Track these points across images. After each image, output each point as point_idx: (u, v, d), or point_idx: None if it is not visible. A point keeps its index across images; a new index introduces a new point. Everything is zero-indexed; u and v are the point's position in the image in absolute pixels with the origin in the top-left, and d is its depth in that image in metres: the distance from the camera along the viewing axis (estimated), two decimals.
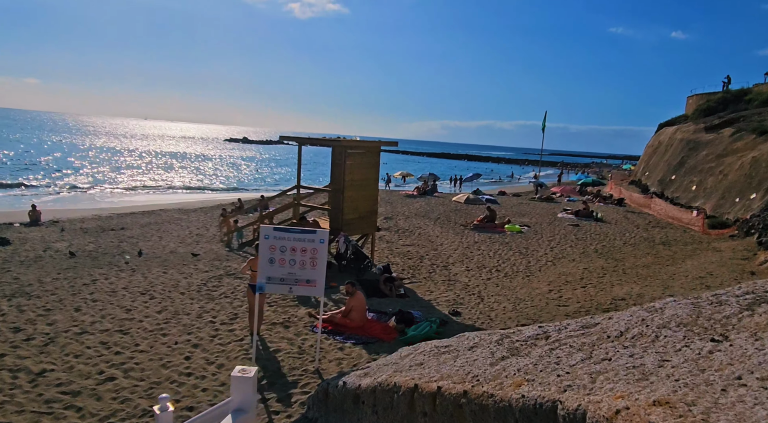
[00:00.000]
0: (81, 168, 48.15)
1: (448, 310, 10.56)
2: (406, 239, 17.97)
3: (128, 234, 17.31)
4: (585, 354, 2.81)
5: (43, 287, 10.51)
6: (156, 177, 46.37)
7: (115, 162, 57.98)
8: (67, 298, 9.90)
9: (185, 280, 11.76)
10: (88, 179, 40.34)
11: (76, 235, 16.84)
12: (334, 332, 9.00)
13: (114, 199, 31.54)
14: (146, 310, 9.55)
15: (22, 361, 7.12)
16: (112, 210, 24.75)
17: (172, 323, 8.93)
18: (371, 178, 13.64)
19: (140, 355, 7.56)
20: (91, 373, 6.92)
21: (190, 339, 8.29)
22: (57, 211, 23.53)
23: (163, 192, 36.52)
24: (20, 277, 11.20)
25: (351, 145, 12.77)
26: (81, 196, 31.52)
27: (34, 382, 6.56)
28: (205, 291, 10.97)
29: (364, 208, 13.61)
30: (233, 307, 9.98)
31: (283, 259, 7.27)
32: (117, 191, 35.24)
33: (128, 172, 48.87)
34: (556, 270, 14.35)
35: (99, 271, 12.03)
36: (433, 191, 33.71)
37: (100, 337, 8.10)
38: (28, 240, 15.55)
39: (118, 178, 43.29)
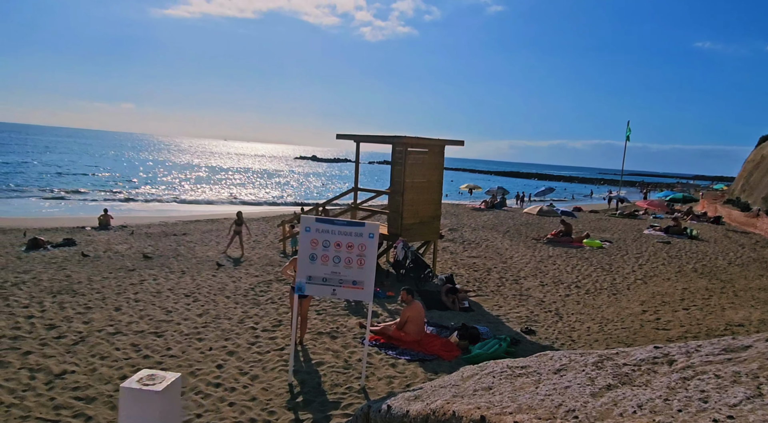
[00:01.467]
0: (160, 181, 50.67)
1: (520, 328, 9.08)
2: (472, 251, 16.52)
3: (188, 239, 17.17)
4: (747, 389, 1.97)
5: (90, 285, 10.18)
6: (227, 190, 47.79)
7: (193, 176, 60.73)
8: (110, 297, 9.46)
9: (233, 283, 11.08)
10: (163, 190, 42.17)
11: (140, 238, 16.91)
12: (387, 346, 7.83)
13: (183, 208, 32.45)
14: (187, 312, 8.87)
15: (46, 360, 6.54)
16: (179, 217, 25.22)
17: (210, 327, 8.15)
18: (434, 180, 12.46)
19: (169, 361, 6.77)
20: (113, 377, 6.19)
21: (227, 345, 7.43)
22: (129, 217, 24.26)
23: (231, 203, 37.29)
24: (72, 275, 11.00)
25: (412, 142, 11.70)
26: (154, 205, 32.71)
27: (50, 385, 5.89)
28: (251, 296, 10.20)
29: (426, 213, 12.43)
30: (278, 314, 9.09)
31: (326, 255, 6.24)
32: (188, 201, 36.37)
33: (203, 185, 50.81)
34: (648, 289, 12.35)
35: (149, 272, 11.65)
36: (501, 205, 31.87)
37: (132, 339, 7.43)
38: (93, 242, 15.72)
39: (192, 189, 44.97)
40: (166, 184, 47.96)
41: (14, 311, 8.29)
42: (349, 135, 12.82)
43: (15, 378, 5.98)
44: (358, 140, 12.89)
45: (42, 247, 14.36)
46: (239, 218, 15.16)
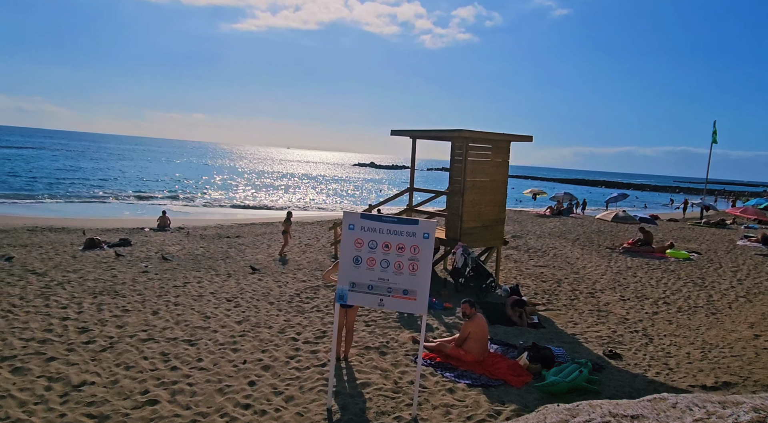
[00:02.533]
0: (223, 185, 52.05)
1: (602, 350, 7.68)
2: (538, 259, 15.03)
3: (240, 241, 16.82)
4: None
5: (133, 287, 9.77)
6: (285, 195, 48.26)
7: (254, 181, 62.11)
8: (150, 300, 8.96)
9: (279, 288, 10.37)
10: (224, 194, 43.09)
11: (193, 240, 16.75)
12: (444, 366, 6.73)
13: (241, 211, 32.75)
14: (226, 318, 8.19)
15: (68, 368, 5.97)
16: (236, 220, 25.25)
17: (248, 337, 7.39)
18: (498, 179, 11.23)
19: (198, 374, 6.02)
20: (134, 391, 5.49)
21: (263, 358, 6.61)
22: (187, 219, 24.53)
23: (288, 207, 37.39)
24: (118, 275, 10.70)
25: (474, 137, 10.55)
26: (214, 209, 33.24)
27: (65, 398, 5.27)
28: (296, 302, 9.41)
29: (489, 216, 11.21)
30: (323, 324, 8.21)
31: (372, 258, 5.27)
32: (246, 205, 36.79)
33: (262, 190, 51.66)
34: (755, 309, 10.47)
35: (195, 274, 11.18)
36: (569, 211, 29.74)
37: (163, 347, 6.78)
38: (148, 243, 15.67)
39: (251, 194, 45.72)
40: (227, 189, 49.13)
41: (51, 312, 7.92)
42: (404, 131, 11.85)
43: (30, 388, 5.41)
44: (414, 136, 11.89)
45: (98, 246, 14.40)
46: (288, 218, 14.86)
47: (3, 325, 7.18)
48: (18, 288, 9.15)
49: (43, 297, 8.70)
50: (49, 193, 34.37)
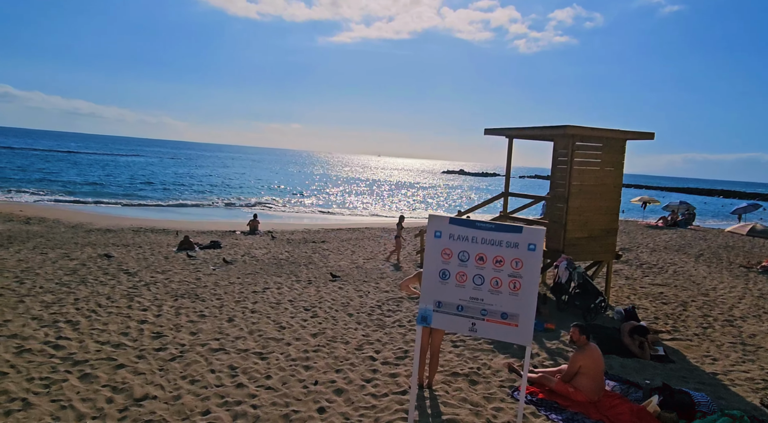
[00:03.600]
0: (315, 191, 53.39)
1: (759, 399, 6.03)
2: (654, 277, 13.04)
3: (324, 247, 16.53)
4: None
5: (214, 291, 9.58)
6: (374, 201, 48.34)
7: (345, 188, 63.22)
8: (228, 305, 8.65)
9: (359, 299, 9.67)
10: (315, 200, 44.00)
11: (279, 244, 16.73)
12: (548, 405, 5.55)
13: (330, 217, 33.00)
14: (301, 329, 7.59)
15: (134, 377, 5.62)
16: (323, 226, 25.30)
17: (322, 353, 6.70)
18: (610, 183, 9.71)
19: (264, 395, 5.40)
20: (194, 411, 4.97)
21: (336, 380, 5.87)
22: (277, 223, 24.97)
23: (374, 214, 37.17)
24: (202, 278, 10.63)
25: (583, 134, 9.17)
26: (304, 213, 33.84)
27: (124, 413, 4.86)
28: (377, 315, 8.63)
29: (598, 225, 9.72)
30: (405, 341, 7.33)
31: (463, 273, 4.30)
32: (334, 211, 37.13)
33: (353, 196, 52.25)
34: None
35: (276, 280, 10.84)
36: (687, 223, 26.39)
37: (233, 359, 6.29)
38: (237, 245, 15.84)
39: (341, 200, 46.30)
40: (318, 195, 50.25)
41: (132, 314, 7.81)
42: (499, 129, 10.70)
43: (93, 399, 5.08)
44: (511, 135, 10.69)
45: (191, 248, 14.74)
46: (400, 223, 14.59)
47: (84, 326, 7.12)
48: (108, 287, 9.29)
49: (128, 298, 8.70)
50: (157, 196, 37.06)
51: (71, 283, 9.43)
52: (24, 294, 8.45)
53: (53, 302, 8.11)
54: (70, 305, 8.02)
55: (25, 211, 22.77)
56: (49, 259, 11.52)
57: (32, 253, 12.23)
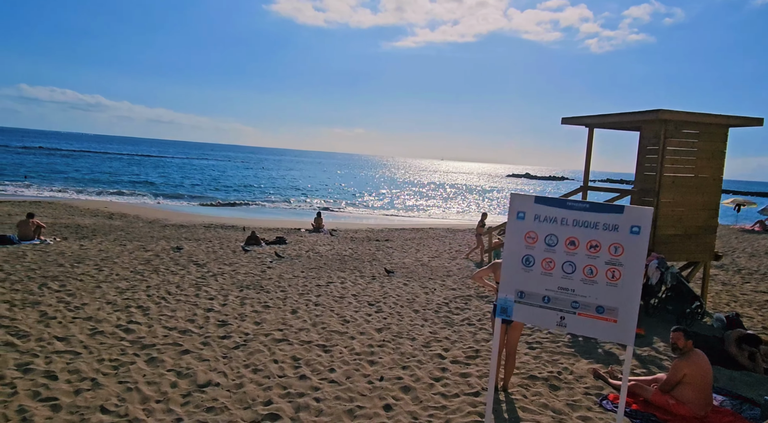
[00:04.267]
0: (377, 193, 53.57)
1: None
2: (758, 283, 11.64)
3: (388, 245, 16.25)
4: None
5: (278, 283, 9.50)
6: (437, 203, 47.73)
7: (408, 190, 63.03)
8: (292, 297, 8.51)
9: (425, 295, 9.25)
10: (377, 201, 44.05)
11: (343, 241, 16.65)
12: (645, 418, 4.86)
13: (393, 218, 32.80)
14: (365, 324, 7.29)
15: (198, 364, 5.53)
16: (385, 226, 25.10)
17: (388, 348, 6.35)
18: (709, 175, 8.69)
19: (328, 388, 5.11)
20: (256, 400, 4.76)
21: (403, 377, 5.48)
22: (341, 223, 25.06)
23: (437, 216, 36.60)
24: (267, 271, 10.62)
25: (677, 119, 8.25)
26: (367, 214, 33.86)
27: (187, 398, 4.73)
28: (444, 312, 8.17)
29: (694, 222, 8.72)
30: (475, 340, 6.83)
31: (550, 260, 3.79)
32: (398, 212, 36.92)
33: (416, 198, 51.92)
34: None
35: (339, 275, 10.64)
36: None
37: (296, 351, 6.07)
38: (301, 242, 15.91)
39: (404, 202, 46.08)
40: (381, 196, 50.32)
41: (199, 302, 7.84)
42: (578, 118, 9.91)
43: (157, 382, 5.01)
44: (592, 124, 9.87)
45: (257, 243, 14.95)
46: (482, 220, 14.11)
47: (154, 312, 7.20)
48: (178, 277, 9.45)
49: (196, 287, 8.79)
50: (227, 196, 38.51)
51: (144, 271, 9.69)
52: (101, 280, 8.74)
53: (127, 289, 8.32)
54: (142, 292, 8.18)
55: (110, 207, 24.28)
56: (127, 250, 12.00)
57: (112, 244, 12.82)
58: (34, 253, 10.66)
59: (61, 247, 11.72)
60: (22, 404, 4.37)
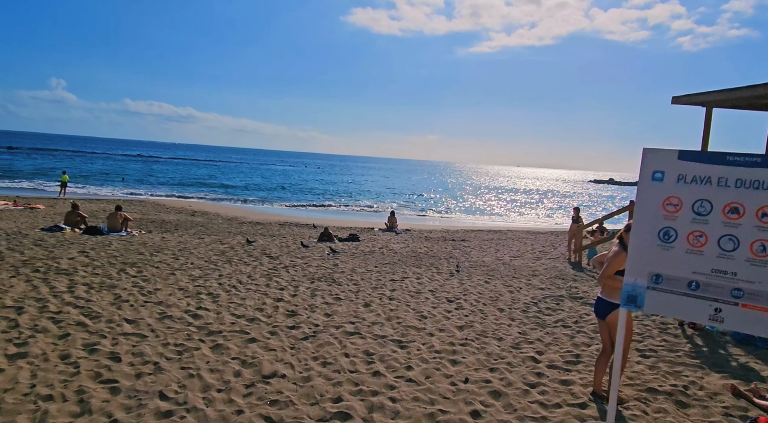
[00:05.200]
0: (454, 197, 52.50)
1: None
2: None
3: (465, 244, 15.38)
4: None
5: (350, 277, 9.01)
6: (515, 207, 45.87)
7: (484, 195, 61.35)
8: (364, 291, 7.96)
9: (510, 294, 8.35)
10: (451, 204, 43.01)
11: (417, 240, 16.00)
12: None
13: (468, 220, 31.70)
14: (445, 321, 6.56)
15: (265, 353, 5.09)
16: (461, 227, 24.16)
17: (472, 347, 5.59)
18: None
19: (405, 387, 4.46)
20: (324, 396, 4.20)
21: (491, 379, 4.71)
22: (414, 224, 24.45)
23: (514, 220, 34.99)
24: (339, 264, 10.19)
25: None
26: (441, 216, 32.99)
27: (250, 390, 4.27)
28: (533, 312, 7.25)
29: None
30: (574, 344, 5.88)
31: (700, 233, 2.90)
32: (474, 215, 35.71)
33: (492, 202, 50.29)
34: None
35: (415, 270, 9.99)
36: None
37: (369, 345, 5.48)
38: (375, 240, 15.46)
39: (479, 205, 44.68)
40: (456, 200, 49.21)
41: (269, 292, 7.50)
42: (693, 96, 8.57)
43: (220, 369, 4.61)
44: (711, 103, 8.50)
45: (330, 240, 14.67)
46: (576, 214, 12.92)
47: (223, 299, 6.93)
48: (250, 267, 9.25)
49: (267, 277, 8.50)
50: (302, 198, 39.22)
51: (218, 261, 9.59)
52: (176, 268, 8.69)
53: (199, 276, 8.18)
54: (214, 280, 7.99)
55: (193, 206, 25.32)
56: (204, 242, 12.10)
57: (191, 237, 13.03)
58: (119, 243, 10.97)
59: (144, 239, 12.03)
60: (83, 385, 4.10)
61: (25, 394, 3.91)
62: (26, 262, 8.22)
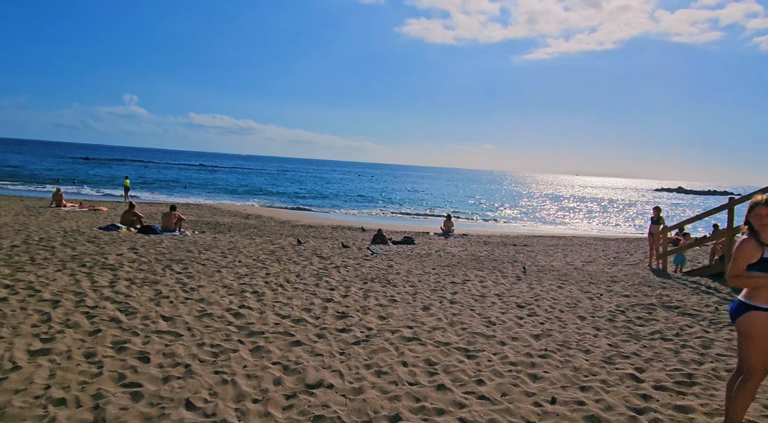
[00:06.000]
0: (512, 205, 50.72)
1: None
2: None
3: (529, 249, 14.28)
4: None
5: (407, 278, 8.25)
6: (578, 216, 43.60)
7: (542, 203, 59.00)
8: (422, 293, 7.17)
9: (590, 301, 7.30)
10: (509, 211, 41.38)
11: (475, 244, 15.05)
12: None
13: (528, 226, 30.20)
14: (517, 328, 5.66)
15: (311, 358, 4.41)
16: (521, 233, 22.88)
17: (554, 360, 4.66)
18: None
19: (477, 406, 3.63)
20: (379, 413, 3.45)
21: (584, 401, 3.79)
22: (470, 229, 23.40)
23: (578, 227, 33.04)
24: (394, 266, 9.46)
25: None
26: (499, 223, 31.63)
27: (290, 401, 3.59)
28: (622, 322, 6.19)
29: None
30: (682, 361, 4.82)
31: None
32: (534, 222, 34.08)
33: (550, 210, 48.14)
34: None
35: (477, 273, 9.10)
36: None
37: (431, 353, 4.68)
38: (430, 243, 14.68)
39: (541, 213, 42.79)
40: (513, 207, 47.46)
41: (318, 292, 6.87)
42: None
43: (259, 376, 3.96)
44: None
45: (384, 242, 14.01)
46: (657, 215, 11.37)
47: (268, 298, 6.36)
48: (299, 267, 8.69)
49: (316, 277, 7.89)
50: (355, 204, 38.92)
51: (267, 260, 9.11)
52: (223, 266, 8.26)
53: (246, 274, 7.68)
54: (260, 278, 7.46)
55: (248, 210, 25.48)
56: (255, 242, 11.74)
57: (243, 238, 12.73)
58: (170, 241, 10.76)
59: (196, 238, 11.82)
60: (102, 388, 3.56)
61: (37, 396, 3.40)
62: (75, 257, 8.04)
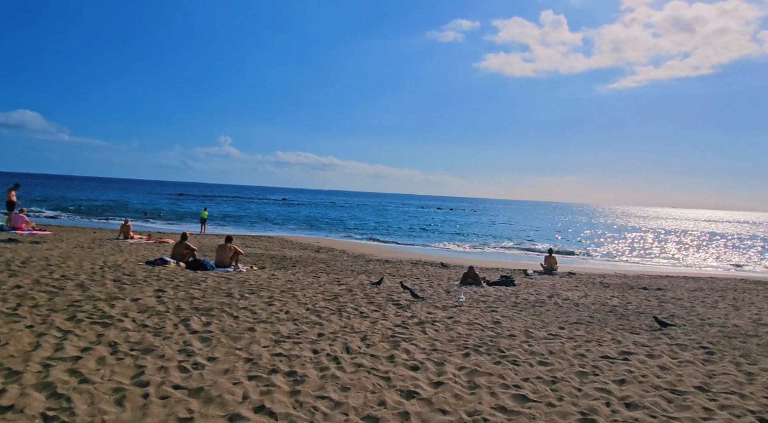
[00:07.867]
0: (610, 239, 45.55)
1: None
2: None
3: (671, 295, 10.78)
4: None
5: (528, 346, 5.44)
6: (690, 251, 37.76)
7: (643, 237, 52.80)
8: (567, 381, 4.34)
9: None
10: (610, 246, 36.58)
11: (592, 286, 11.80)
12: None
13: (640, 262, 25.74)
14: None
15: None
16: (640, 271, 18.92)
17: None
18: None
19: None
20: None
21: None
22: (575, 267, 19.82)
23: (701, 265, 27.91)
24: (501, 322, 6.66)
25: None
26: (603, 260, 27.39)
27: None
28: None
29: None
30: None
31: None
32: (645, 258, 29.37)
33: (659, 245, 42.42)
34: None
35: (629, 336, 6.07)
36: None
37: None
38: (534, 285, 11.66)
39: (647, 248, 37.52)
40: (613, 242, 42.33)
41: (394, 372, 4.30)
42: None
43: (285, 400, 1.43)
44: None
45: (477, 283, 11.24)
46: None
47: (311, 387, 3.88)
48: (368, 322, 6.17)
49: (391, 342, 5.32)
50: (435, 238, 36.18)
51: (325, 310, 6.70)
52: (262, 319, 5.95)
53: (288, 336, 5.28)
54: (308, 344, 5.01)
55: (321, 243, 23.65)
56: (318, 282, 9.48)
57: (306, 275, 10.55)
58: (214, 280, 8.77)
59: (249, 276, 9.77)
60: None
61: None
62: (74, 303, 6.12)
